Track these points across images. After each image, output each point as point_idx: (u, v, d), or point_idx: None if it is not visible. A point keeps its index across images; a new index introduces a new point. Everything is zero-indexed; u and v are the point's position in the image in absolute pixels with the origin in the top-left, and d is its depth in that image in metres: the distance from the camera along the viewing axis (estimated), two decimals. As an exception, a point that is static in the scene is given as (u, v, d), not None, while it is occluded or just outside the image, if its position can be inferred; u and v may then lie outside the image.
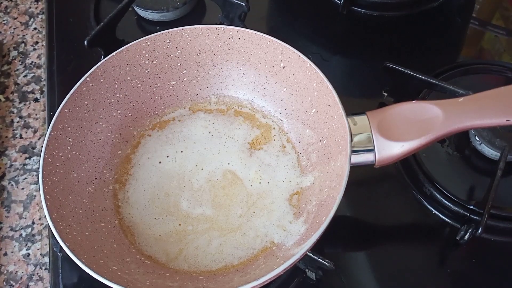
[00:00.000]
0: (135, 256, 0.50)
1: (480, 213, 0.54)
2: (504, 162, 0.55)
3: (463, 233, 0.53)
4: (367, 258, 0.54)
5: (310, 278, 0.52)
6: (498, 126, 0.58)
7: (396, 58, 0.64)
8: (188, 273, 0.49)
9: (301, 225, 0.50)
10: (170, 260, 0.50)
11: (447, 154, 0.60)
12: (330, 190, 0.48)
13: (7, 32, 0.76)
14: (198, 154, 0.57)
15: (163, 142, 0.58)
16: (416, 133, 0.49)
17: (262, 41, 0.55)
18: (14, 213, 0.60)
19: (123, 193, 0.54)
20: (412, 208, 0.57)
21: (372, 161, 0.50)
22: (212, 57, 0.58)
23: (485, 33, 0.76)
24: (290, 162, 0.56)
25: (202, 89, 0.60)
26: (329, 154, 0.51)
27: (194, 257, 0.50)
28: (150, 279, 0.47)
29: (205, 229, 0.52)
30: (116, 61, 0.55)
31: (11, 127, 0.67)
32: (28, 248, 0.58)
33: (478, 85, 0.55)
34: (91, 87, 0.53)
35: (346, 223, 0.56)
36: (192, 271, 0.50)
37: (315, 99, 0.53)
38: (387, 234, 0.57)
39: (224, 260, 0.50)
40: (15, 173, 0.63)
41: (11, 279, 0.56)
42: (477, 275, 0.53)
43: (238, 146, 0.57)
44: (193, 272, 0.50)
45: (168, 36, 0.56)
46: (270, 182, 0.55)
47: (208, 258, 0.50)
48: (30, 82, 0.71)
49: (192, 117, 0.60)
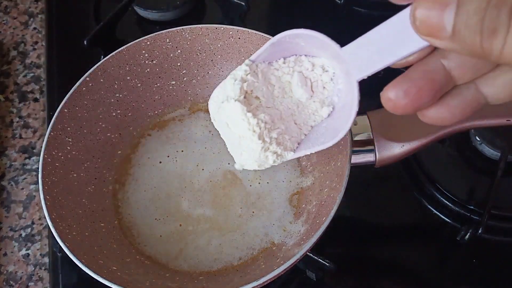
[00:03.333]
0: (135, 256, 0.50)
1: (480, 213, 0.54)
2: (505, 162, 0.55)
3: (463, 233, 0.53)
4: (367, 258, 0.54)
5: (310, 278, 0.52)
6: (498, 126, 0.58)
7: (396, 58, 0.63)
8: (188, 274, 0.49)
9: (301, 225, 0.50)
10: (170, 260, 0.50)
11: (447, 154, 0.60)
12: (330, 190, 0.48)
13: (7, 32, 0.76)
14: (198, 153, 0.57)
15: (163, 141, 0.58)
16: (416, 133, 0.49)
17: (262, 41, 0.55)
18: (14, 213, 0.60)
19: (123, 193, 0.54)
20: (412, 208, 0.57)
21: (373, 161, 0.49)
22: (212, 57, 0.58)
23: (485, 33, 0.75)
24: (290, 162, 0.55)
25: (202, 89, 0.60)
26: (329, 154, 0.51)
27: (194, 257, 0.50)
28: (150, 279, 0.47)
29: (205, 229, 0.52)
30: (116, 61, 0.55)
31: (10, 127, 0.67)
32: (27, 248, 0.58)
33: (478, 85, 0.55)
34: (91, 87, 0.53)
35: (346, 223, 0.56)
36: (192, 272, 0.50)
37: (315, 99, 0.53)
38: (387, 234, 0.57)
39: (224, 260, 0.50)
40: (14, 173, 0.63)
41: (11, 279, 0.56)
42: (477, 275, 0.53)
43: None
44: (193, 272, 0.50)
45: (168, 36, 0.56)
46: (269, 182, 0.54)
47: (208, 258, 0.50)
48: (30, 82, 0.71)
49: (192, 117, 0.60)
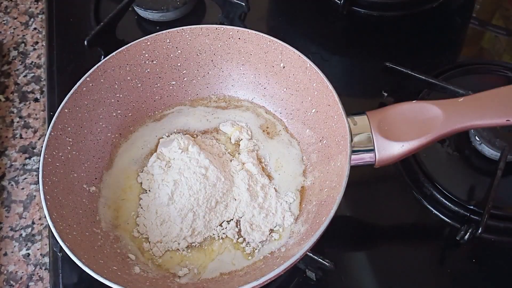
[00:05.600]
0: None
1: (480, 213, 0.54)
2: (504, 162, 0.55)
3: (463, 233, 0.53)
4: (367, 258, 0.54)
5: (310, 278, 0.52)
6: (498, 126, 0.58)
7: (396, 58, 0.64)
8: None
9: (301, 225, 0.50)
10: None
11: (447, 154, 0.60)
12: (330, 190, 0.48)
13: (7, 32, 0.76)
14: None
15: (158, 128, 0.58)
16: (416, 133, 0.49)
17: (262, 41, 0.55)
18: (14, 213, 0.60)
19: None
20: (412, 208, 0.57)
21: (372, 161, 0.49)
22: (212, 57, 0.58)
23: (485, 33, 0.76)
24: (297, 157, 0.56)
25: (202, 89, 0.60)
26: (329, 154, 0.51)
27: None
28: (150, 279, 0.47)
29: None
30: (116, 61, 0.55)
31: (11, 127, 0.67)
32: (28, 248, 0.58)
33: (478, 85, 0.55)
34: (91, 87, 0.53)
35: (346, 223, 0.56)
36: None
37: (315, 99, 0.53)
38: (387, 234, 0.57)
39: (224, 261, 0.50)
40: (15, 173, 0.63)
41: (11, 279, 0.56)
42: (477, 275, 0.53)
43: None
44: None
45: (168, 36, 0.56)
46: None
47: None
48: (30, 82, 0.71)
49: (190, 109, 0.60)
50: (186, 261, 0.49)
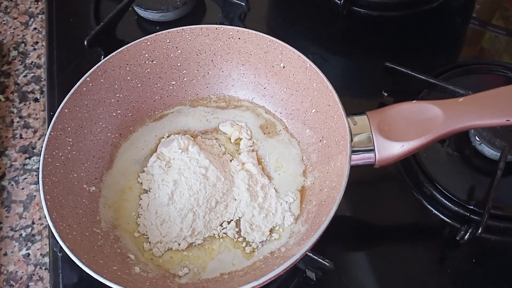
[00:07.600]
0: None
1: (480, 213, 0.54)
2: (504, 162, 0.55)
3: (463, 233, 0.53)
4: (367, 258, 0.54)
5: (310, 278, 0.52)
6: (498, 126, 0.58)
7: (396, 58, 0.64)
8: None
9: (301, 225, 0.50)
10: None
11: (447, 154, 0.60)
12: (330, 190, 0.48)
13: (7, 32, 0.76)
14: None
15: (158, 128, 0.58)
16: (416, 133, 0.49)
17: (262, 41, 0.55)
18: (14, 213, 0.60)
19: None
20: (412, 208, 0.57)
21: (372, 161, 0.50)
22: (212, 57, 0.58)
23: (485, 33, 0.76)
24: (297, 157, 0.56)
25: (202, 89, 0.60)
26: (329, 154, 0.51)
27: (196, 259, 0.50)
28: (150, 279, 0.47)
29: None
30: (116, 61, 0.55)
31: (11, 127, 0.67)
32: (28, 248, 0.58)
33: (478, 85, 0.55)
34: (91, 87, 0.53)
35: (346, 223, 0.56)
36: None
37: (315, 99, 0.53)
38: (387, 234, 0.57)
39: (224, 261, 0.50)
40: (15, 173, 0.63)
41: (11, 279, 0.56)
42: (477, 275, 0.53)
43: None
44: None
45: (168, 36, 0.56)
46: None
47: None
48: (30, 82, 0.71)
49: (190, 109, 0.60)
50: (186, 261, 0.49)
